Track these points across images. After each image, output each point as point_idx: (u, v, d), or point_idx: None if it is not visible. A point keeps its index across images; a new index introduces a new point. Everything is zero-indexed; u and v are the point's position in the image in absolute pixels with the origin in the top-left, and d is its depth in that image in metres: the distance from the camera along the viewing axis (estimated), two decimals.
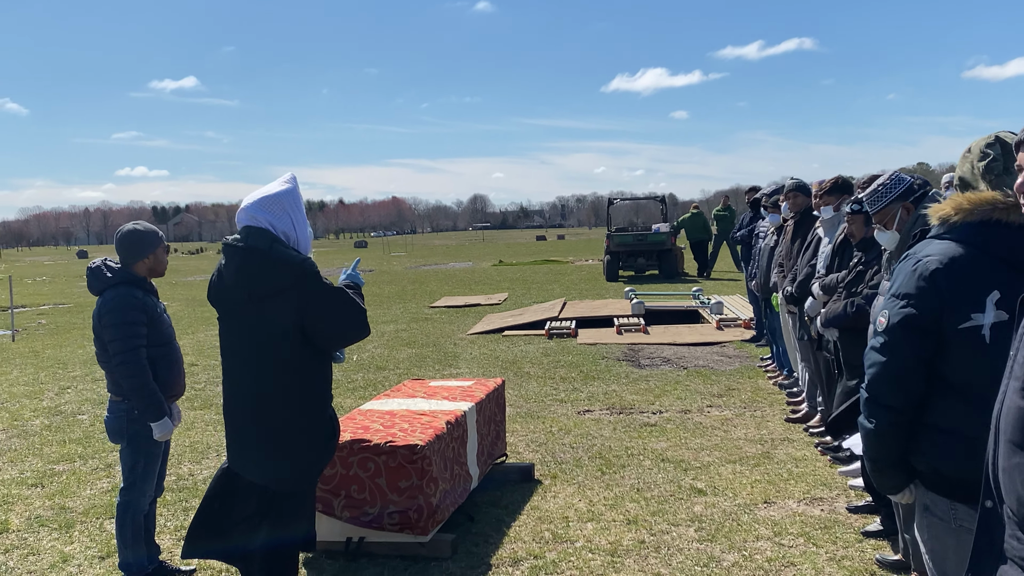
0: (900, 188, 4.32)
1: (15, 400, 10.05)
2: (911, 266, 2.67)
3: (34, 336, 16.50)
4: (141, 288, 4.66)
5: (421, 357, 12.11)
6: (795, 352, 8.14)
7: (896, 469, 2.75)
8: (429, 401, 5.94)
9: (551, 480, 6.32)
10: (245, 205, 4.00)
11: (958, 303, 2.55)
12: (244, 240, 3.89)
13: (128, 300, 4.55)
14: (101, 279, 4.66)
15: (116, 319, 4.52)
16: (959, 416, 2.57)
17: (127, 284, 4.63)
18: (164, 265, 4.81)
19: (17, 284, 21.41)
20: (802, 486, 6.01)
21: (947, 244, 2.62)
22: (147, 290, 4.71)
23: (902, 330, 2.65)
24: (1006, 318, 2.46)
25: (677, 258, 24.96)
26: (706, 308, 14.80)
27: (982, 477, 2.29)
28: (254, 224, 3.92)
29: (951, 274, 2.56)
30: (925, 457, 2.66)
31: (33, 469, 7.09)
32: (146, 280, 4.73)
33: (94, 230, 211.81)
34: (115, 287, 4.61)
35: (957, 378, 2.59)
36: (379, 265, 41.71)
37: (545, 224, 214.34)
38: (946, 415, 2.61)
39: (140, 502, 4.68)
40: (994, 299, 2.50)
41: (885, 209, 4.30)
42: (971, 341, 2.53)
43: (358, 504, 4.95)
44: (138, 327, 4.54)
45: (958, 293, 2.55)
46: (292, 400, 3.92)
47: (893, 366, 2.67)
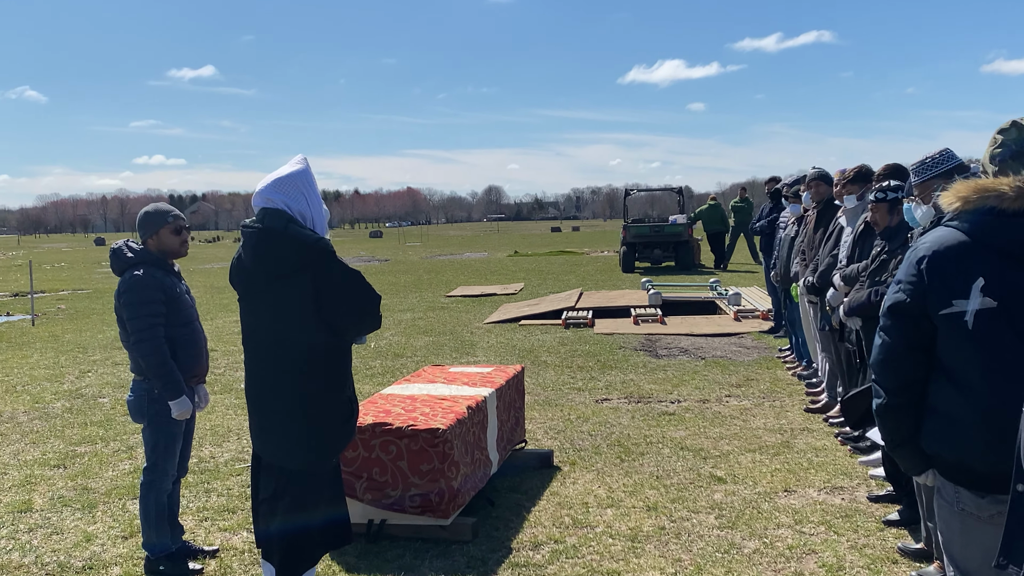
0: (949, 164, 4.24)
1: (36, 383, 10.12)
2: (910, 253, 2.73)
3: (54, 321, 16.61)
4: (161, 268, 4.69)
5: (438, 345, 12.13)
6: (815, 342, 8.13)
7: (908, 450, 2.78)
8: (449, 386, 5.95)
9: (570, 467, 6.33)
10: (260, 188, 4.03)
11: (941, 289, 2.58)
12: (260, 222, 3.93)
13: (145, 280, 4.58)
14: (122, 259, 4.69)
15: (133, 298, 4.55)
16: (951, 400, 2.62)
17: (147, 264, 4.65)
18: (171, 245, 4.75)
19: (36, 270, 21.56)
20: (822, 475, 6.00)
21: (942, 231, 2.67)
22: (167, 270, 4.73)
23: (892, 315, 2.72)
24: (994, 305, 2.50)
25: (694, 249, 24.91)
26: (723, 299, 14.77)
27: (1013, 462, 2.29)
28: (269, 206, 3.95)
29: (936, 260, 2.60)
30: (929, 440, 2.70)
31: (55, 451, 7.15)
32: (166, 260, 4.75)
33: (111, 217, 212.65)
34: (134, 267, 4.64)
35: (947, 362, 2.63)
36: (394, 255, 41.77)
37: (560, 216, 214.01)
38: (941, 398, 2.65)
39: (163, 482, 4.72)
40: (979, 286, 2.53)
41: (928, 182, 4.23)
42: (955, 327, 2.57)
43: (380, 487, 4.97)
44: (155, 306, 4.56)
45: (942, 279, 2.59)
46: (308, 380, 3.94)
47: (885, 349, 2.75)
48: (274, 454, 4.06)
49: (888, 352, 2.72)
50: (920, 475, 2.83)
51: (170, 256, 4.78)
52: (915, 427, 2.73)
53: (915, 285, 2.65)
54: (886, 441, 2.84)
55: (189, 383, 4.74)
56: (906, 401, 2.72)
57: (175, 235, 4.76)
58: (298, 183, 4.03)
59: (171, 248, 4.76)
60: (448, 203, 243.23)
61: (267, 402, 4.03)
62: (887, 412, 2.77)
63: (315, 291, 3.85)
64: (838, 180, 7.04)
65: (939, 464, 2.71)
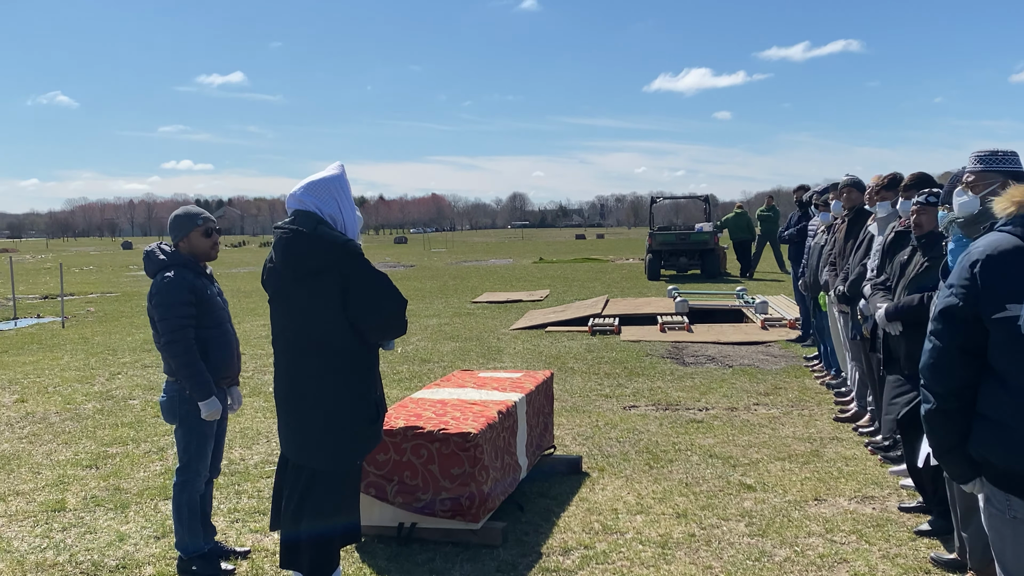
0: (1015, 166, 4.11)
1: (67, 384, 10.23)
2: (963, 257, 2.74)
3: (83, 323, 16.77)
4: (192, 270, 4.73)
5: (465, 351, 12.16)
6: (844, 351, 8.08)
7: (956, 457, 2.77)
8: (480, 391, 5.97)
9: (599, 473, 6.33)
10: (294, 190, 4.11)
11: (995, 293, 2.59)
12: (291, 223, 4.00)
13: (176, 282, 4.62)
14: (154, 262, 4.75)
15: (163, 300, 4.60)
16: (1002, 405, 2.61)
17: (178, 266, 4.70)
18: (202, 248, 4.79)
19: (65, 273, 21.81)
20: (853, 484, 5.96)
21: (997, 236, 2.69)
22: (198, 272, 4.77)
23: (943, 318, 2.73)
24: None
25: (720, 258, 24.83)
26: (750, 308, 14.71)
27: None
28: (301, 208, 4.05)
29: (990, 264, 2.62)
30: (977, 446, 2.68)
31: (87, 451, 7.22)
32: (198, 263, 4.80)
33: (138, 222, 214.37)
34: (166, 269, 4.69)
35: (998, 367, 2.63)
36: (420, 261, 41.89)
37: (584, 223, 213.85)
38: (991, 404, 2.64)
39: (196, 482, 4.75)
40: None
41: (987, 173, 4.10)
42: (1007, 331, 2.58)
43: (411, 490, 4.99)
44: (185, 308, 4.60)
45: (996, 283, 2.60)
46: (336, 381, 3.99)
47: (936, 353, 2.76)
48: (301, 454, 4.11)
49: (939, 356, 2.72)
50: (967, 483, 2.81)
51: (201, 258, 4.82)
52: (964, 434, 2.72)
53: (968, 289, 2.65)
54: (933, 447, 2.83)
55: (220, 384, 4.78)
56: (956, 407, 2.71)
57: (205, 237, 4.81)
58: (331, 187, 4.09)
59: (202, 250, 4.80)
60: (472, 209, 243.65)
61: (295, 403, 4.09)
62: (936, 417, 2.76)
63: (342, 291, 3.90)
64: (870, 187, 7.01)
65: (988, 471, 2.70)
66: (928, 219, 5.40)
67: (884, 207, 6.41)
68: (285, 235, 4.02)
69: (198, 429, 4.71)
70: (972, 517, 4.09)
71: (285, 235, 4.02)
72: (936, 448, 2.81)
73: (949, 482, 4.29)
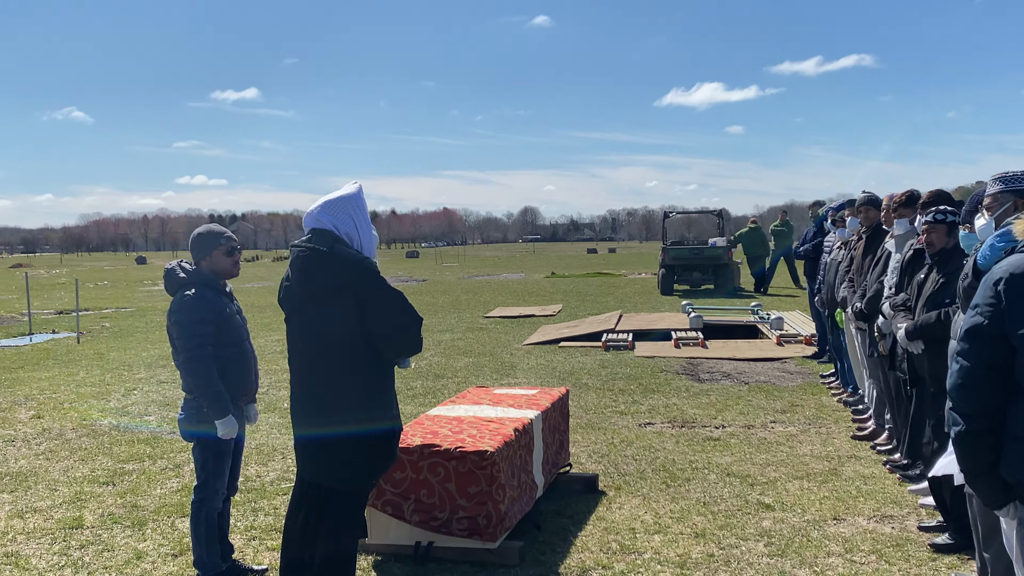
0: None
1: (83, 400, 10.25)
2: (987, 277, 2.78)
3: (99, 338, 16.83)
4: (212, 288, 4.75)
5: (478, 366, 12.15)
6: (861, 369, 8.04)
7: (989, 480, 2.74)
8: (495, 408, 5.96)
9: (615, 491, 6.30)
10: (311, 209, 4.14)
11: (1020, 310, 2.62)
12: (308, 241, 4.02)
13: (196, 300, 4.64)
14: (174, 280, 4.77)
15: (182, 318, 4.62)
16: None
17: (198, 285, 4.71)
18: (224, 266, 4.81)
19: (80, 288, 21.90)
20: (872, 503, 5.92)
21: (1019, 256, 2.70)
22: (218, 291, 4.78)
23: (969, 338, 2.75)
24: None
25: (733, 273, 24.77)
26: (766, 323, 14.66)
27: None
28: (318, 226, 4.08)
29: (1013, 282, 2.65)
30: (1009, 468, 2.66)
31: (104, 468, 7.23)
32: (217, 281, 4.81)
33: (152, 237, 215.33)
34: (186, 287, 4.70)
35: None
36: (432, 275, 41.93)
37: (596, 237, 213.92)
38: (1021, 423, 2.61)
39: (213, 500, 4.75)
40: None
41: (1002, 194, 4.04)
42: None
43: (427, 508, 4.98)
44: (204, 326, 4.61)
45: (1020, 300, 2.63)
46: (350, 398, 3.99)
47: (963, 373, 2.76)
48: (317, 472, 4.11)
49: (967, 376, 2.71)
50: (1001, 509, 2.78)
51: (222, 276, 4.84)
52: (996, 456, 2.70)
53: (993, 307, 2.65)
54: (964, 471, 2.80)
55: (239, 402, 4.79)
56: (986, 427, 2.69)
57: (228, 256, 4.82)
58: (347, 206, 4.12)
59: (224, 269, 4.82)
60: (484, 224, 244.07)
61: (310, 420, 4.09)
62: (967, 439, 2.74)
63: (357, 309, 3.91)
64: (887, 205, 6.99)
65: (1022, 493, 2.67)
66: (938, 237, 5.38)
67: (902, 224, 6.39)
68: (302, 253, 4.04)
69: (215, 447, 4.72)
70: (994, 537, 4.05)
71: (302, 253, 4.04)
72: (968, 472, 2.79)
73: (969, 500, 4.26)
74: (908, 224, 6.36)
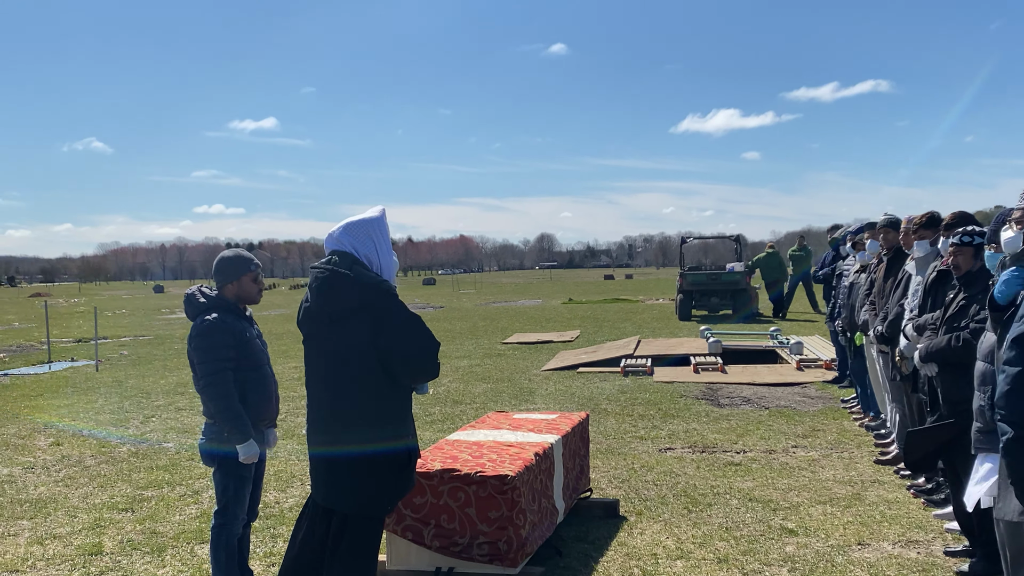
0: None
1: (102, 427, 10.27)
2: None
3: (117, 366, 16.89)
4: (232, 313, 4.75)
5: (497, 392, 12.11)
6: (883, 392, 7.97)
7: None
8: (515, 433, 5.92)
9: (636, 517, 6.24)
10: (332, 231, 4.13)
11: None
12: (327, 263, 4.02)
13: (216, 324, 4.64)
14: (195, 305, 4.77)
15: (203, 343, 4.63)
16: None
17: (219, 310, 4.72)
18: (250, 293, 4.84)
19: (98, 317, 22.02)
20: (896, 528, 5.84)
21: None
22: (239, 315, 4.79)
23: (1017, 345, 2.78)
24: None
25: (752, 298, 24.66)
26: (785, 348, 14.58)
27: None
28: (339, 248, 4.08)
29: None
30: None
31: (123, 494, 7.22)
32: (238, 306, 4.82)
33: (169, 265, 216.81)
34: (207, 312, 4.71)
35: None
36: (449, 302, 41.95)
37: (612, 264, 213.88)
38: None
39: (234, 526, 4.73)
40: None
41: None
42: None
43: (448, 534, 4.94)
44: (225, 351, 4.62)
45: None
46: (367, 423, 3.96)
47: (1011, 379, 2.80)
48: (333, 499, 4.07)
49: (1015, 382, 2.68)
50: None
51: (247, 302, 4.85)
52: None
53: None
54: (1014, 480, 2.76)
55: (259, 426, 4.78)
56: None
57: (255, 283, 4.84)
58: (369, 229, 4.11)
59: (249, 295, 4.83)
60: (500, 251, 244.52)
61: (327, 445, 4.06)
62: (1016, 447, 2.70)
63: (374, 332, 3.89)
64: (906, 227, 6.95)
65: None
66: (964, 259, 5.34)
67: (922, 246, 6.34)
68: (321, 275, 4.03)
69: (236, 472, 4.70)
70: (1022, 562, 3.99)
71: (321, 275, 4.03)
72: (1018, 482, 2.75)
73: (997, 524, 4.19)
74: (929, 246, 6.31)
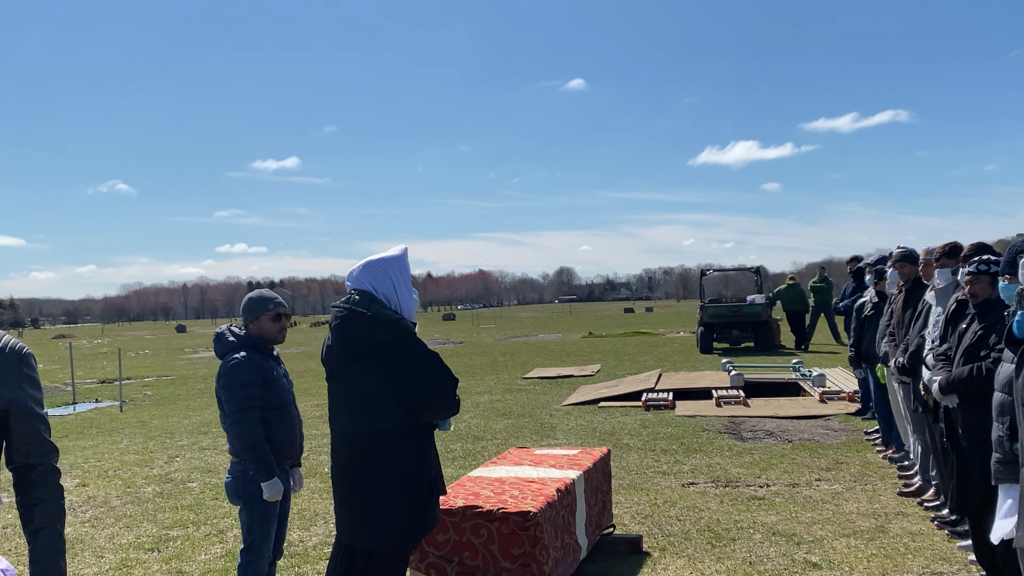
0: None
1: (127, 468, 10.34)
2: None
3: (141, 407, 17.01)
4: (260, 352, 4.83)
5: (518, 427, 12.12)
6: (906, 424, 7.94)
7: None
8: (537, 468, 5.95)
9: (660, 552, 6.24)
10: (352, 269, 4.21)
11: None
12: (346, 301, 4.09)
13: (243, 363, 4.72)
14: (224, 344, 4.86)
15: (229, 380, 4.70)
16: None
17: (247, 348, 4.80)
18: (270, 332, 4.90)
19: (122, 357, 22.25)
20: (921, 560, 5.81)
21: None
22: (266, 354, 4.87)
23: None
24: None
25: (773, 330, 24.58)
26: (807, 380, 14.52)
27: None
28: (358, 286, 4.14)
29: None
30: None
31: (148, 534, 7.27)
32: (265, 344, 4.90)
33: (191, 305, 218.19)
34: (235, 351, 4.79)
35: None
36: (469, 337, 41.99)
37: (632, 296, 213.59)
38: None
39: (259, 564, 4.77)
40: None
41: None
42: None
43: (471, 571, 4.96)
44: (252, 388, 4.69)
45: None
46: (388, 460, 3.99)
47: None
48: (355, 536, 4.10)
49: None
50: None
51: (269, 341, 4.92)
52: None
53: None
54: None
55: (283, 465, 4.83)
56: None
57: (274, 322, 4.91)
58: (388, 267, 4.18)
59: (270, 334, 4.90)
60: (519, 285, 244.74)
61: (349, 482, 4.10)
62: None
63: (392, 370, 3.94)
64: (925, 258, 6.97)
65: None
66: (982, 287, 5.37)
67: (944, 275, 6.35)
68: (340, 313, 4.11)
69: (261, 510, 4.75)
70: None
71: (340, 313, 4.11)
72: None
73: (1021, 556, 4.18)
74: (950, 275, 6.32)
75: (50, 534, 2.90)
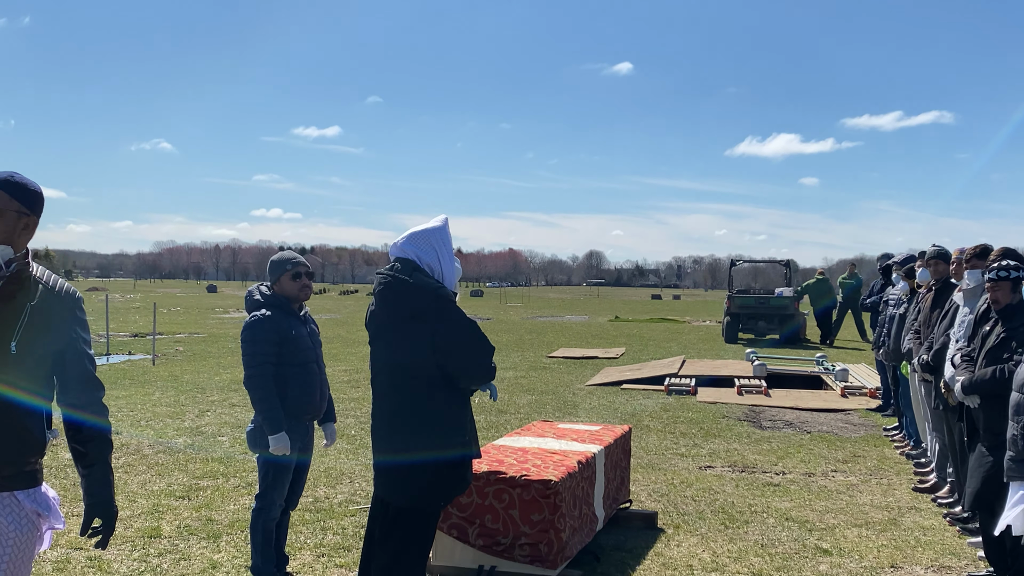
0: None
1: (159, 419, 10.63)
2: None
3: (173, 362, 17.35)
4: (283, 311, 5.05)
5: (541, 404, 12.30)
6: (924, 421, 8.03)
7: None
8: (559, 441, 6.12)
9: (674, 529, 6.40)
10: (397, 240, 4.36)
11: None
12: (391, 269, 4.25)
13: (262, 321, 4.97)
14: (251, 302, 5.13)
15: (248, 336, 4.98)
16: None
17: (271, 307, 5.03)
18: (291, 291, 5.11)
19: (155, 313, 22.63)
20: (930, 554, 5.94)
21: None
22: (289, 312, 5.08)
23: None
24: None
25: (799, 323, 24.57)
26: (830, 375, 14.59)
27: None
28: (402, 255, 4.29)
29: None
30: None
31: (179, 483, 7.52)
32: (290, 303, 5.11)
33: (223, 266, 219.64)
34: (259, 309, 5.03)
35: None
36: (496, 314, 42.20)
37: (660, 284, 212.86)
38: None
39: (271, 511, 5.01)
40: None
41: None
42: None
43: (491, 533, 5.14)
44: (266, 346, 4.93)
45: None
46: (424, 421, 4.16)
47: None
48: (389, 491, 4.28)
49: None
50: None
51: (292, 300, 5.13)
52: None
53: None
54: None
55: (303, 419, 5.06)
56: None
57: (293, 281, 5.11)
58: (431, 238, 4.33)
59: (291, 292, 5.12)
60: (548, 266, 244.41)
61: (385, 439, 4.28)
62: None
63: (432, 335, 4.11)
64: (957, 258, 7.04)
65: None
66: (1003, 293, 5.45)
67: (974, 276, 6.42)
68: (384, 280, 4.27)
69: (275, 459, 4.98)
70: None
71: (384, 280, 4.27)
72: None
73: None
74: (980, 276, 6.40)
75: (102, 467, 3.09)
